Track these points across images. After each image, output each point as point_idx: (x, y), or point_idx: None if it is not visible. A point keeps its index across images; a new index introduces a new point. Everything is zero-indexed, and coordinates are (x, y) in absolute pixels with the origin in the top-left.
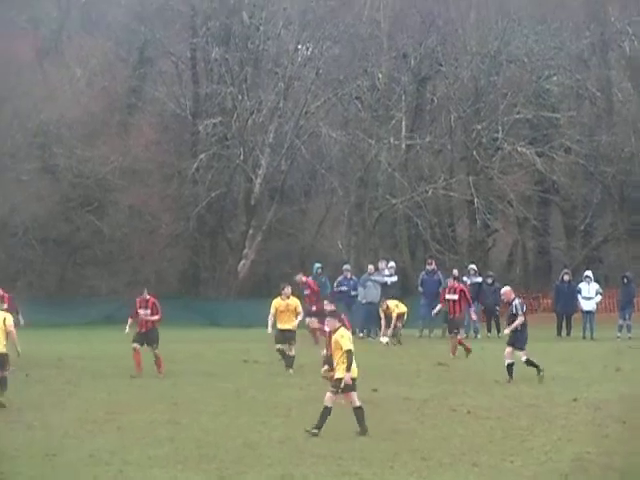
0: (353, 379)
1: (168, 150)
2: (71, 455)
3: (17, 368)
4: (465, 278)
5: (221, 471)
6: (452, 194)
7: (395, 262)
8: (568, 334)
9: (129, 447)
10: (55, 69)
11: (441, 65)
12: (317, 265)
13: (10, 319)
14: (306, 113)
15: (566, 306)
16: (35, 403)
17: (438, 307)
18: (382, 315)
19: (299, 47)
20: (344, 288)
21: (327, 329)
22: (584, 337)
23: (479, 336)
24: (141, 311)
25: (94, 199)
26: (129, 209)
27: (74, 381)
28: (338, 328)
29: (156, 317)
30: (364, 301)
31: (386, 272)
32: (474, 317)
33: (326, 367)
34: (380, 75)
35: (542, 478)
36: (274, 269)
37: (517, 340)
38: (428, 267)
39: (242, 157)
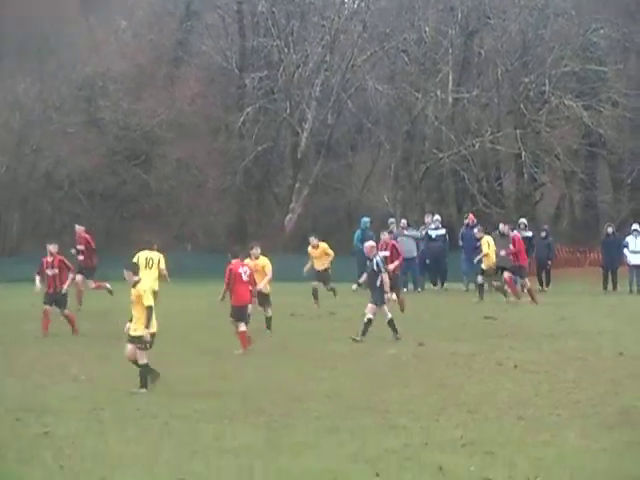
0: (152, 334)
1: (214, 103)
2: (117, 409)
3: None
4: (515, 232)
5: (269, 424)
6: (499, 148)
7: (441, 216)
8: (614, 288)
9: (176, 400)
10: (100, 21)
11: (489, 18)
12: (365, 219)
13: (163, 261)
14: (352, 66)
15: (612, 260)
16: (82, 356)
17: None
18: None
19: (345, 0)
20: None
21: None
22: (630, 291)
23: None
24: (48, 271)
25: (141, 152)
26: (176, 162)
27: (120, 335)
28: (138, 282)
29: (70, 277)
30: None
31: (432, 226)
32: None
33: None
34: (427, 28)
35: (588, 431)
36: (321, 223)
37: (378, 297)
38: (465, 221)
39: (288, 111)
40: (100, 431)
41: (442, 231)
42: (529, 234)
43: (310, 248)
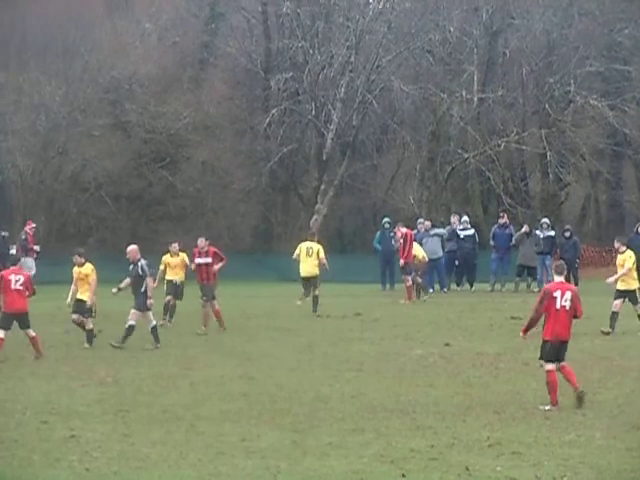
0: None
1: (240, 105)
2: (144, 411)
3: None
4: (538, 232)
5: (294, 425)
6: (524, 148)
7: (467, 216)
8: None
9: (202, 402)
10: (125, 24)
11: (513, 18)
12: (385, 219)
13: (322, 250)
14: (377, 67)
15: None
16: (108, 359)
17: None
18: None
19: (370, 0)
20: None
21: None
22: None
23: None
24: None
25: (167, 155)
26: (202, 165)
27: (148, 337)
28: None
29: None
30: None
31: (460, 227)
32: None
33: None
34: (452, 28)
35: (614, 430)
36: (346, 224)
37: (141, 302)
38: (500, 221)
39: (314, 112)
40: (126, 433)
41: (471, 231)
42: (552, 233)
43: (168, 256)
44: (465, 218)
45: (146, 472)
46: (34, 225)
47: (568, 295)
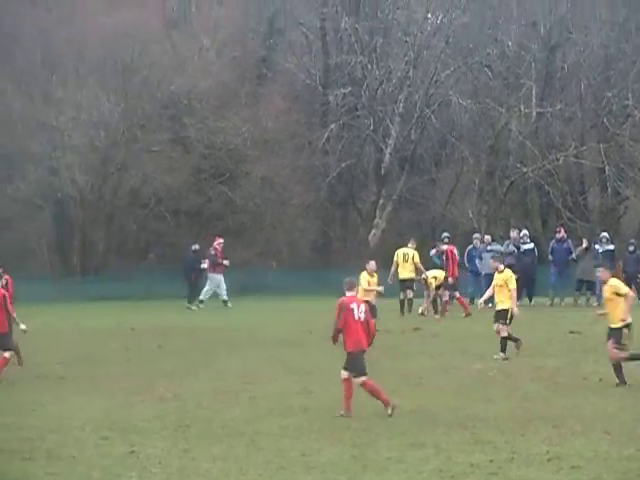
0: None
1: (298, 120)
2: (204, 426)
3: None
4: (597, 246)
5: (354, 440)
6: (583, 162)
7: (527, 230)
8: None
9: (262, 417)
10: (184, 40)
11: (571, 33)
12: (444, 234)
13: (417, 256)
14: (436, 82)
15: None
16: (168, 374)
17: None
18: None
19: (429, 16)
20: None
21: None
22: None
23: None
24: None
25: (226, 170)
26: (261, 180)
27: (208, 352)
28: None
29: None
30: (483, 272)
31: (520, 241)
32: None
33: None
34: (510, 43)
35: None
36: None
37: None
38: (557, 235)
39: (372, 127)
40: (186, 449)
41: (530, 245)
42: (611, 247)
43: (367, 275)
44: (525, 232)
45: None
46: (222, 240)
47: (363, 308)
